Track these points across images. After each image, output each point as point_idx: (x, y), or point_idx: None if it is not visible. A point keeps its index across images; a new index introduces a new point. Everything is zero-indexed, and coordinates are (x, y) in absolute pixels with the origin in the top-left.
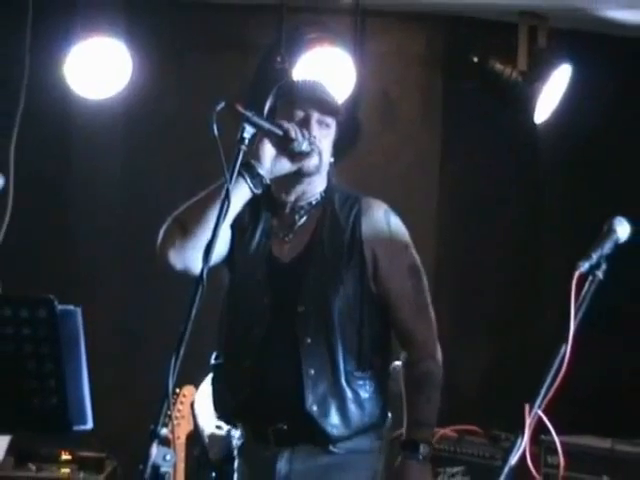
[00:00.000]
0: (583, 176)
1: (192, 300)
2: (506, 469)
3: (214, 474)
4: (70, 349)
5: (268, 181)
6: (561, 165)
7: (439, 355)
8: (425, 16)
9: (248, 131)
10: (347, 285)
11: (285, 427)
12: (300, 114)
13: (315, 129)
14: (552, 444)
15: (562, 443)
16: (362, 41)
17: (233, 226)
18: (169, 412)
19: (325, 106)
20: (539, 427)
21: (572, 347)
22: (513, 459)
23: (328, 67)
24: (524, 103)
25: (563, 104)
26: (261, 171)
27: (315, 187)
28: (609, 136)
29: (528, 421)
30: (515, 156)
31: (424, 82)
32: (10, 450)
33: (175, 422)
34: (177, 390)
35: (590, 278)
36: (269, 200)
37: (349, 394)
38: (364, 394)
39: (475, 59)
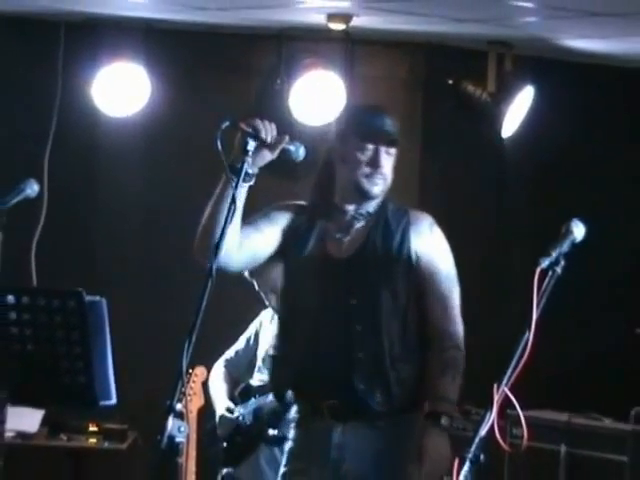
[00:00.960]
0: (543, 182)
1: (203, 291)
2: (477, 439)
3: (224, 444)
4: (96, 334)
5: (256, 170)
6: (525, 172)
7: (463, 347)
8: (407, 44)
9: (251, 144)
10: (395, 281)
11: (337, 403)
12: (370, 147)
13: (383, 159)
14: (517, 418)
15: (525, 417)
16: (352, 66)
17: (286, 232)
18: (183, 389)
19: (391, 139)
20: (505, 403)
21: (534, 334)
22: (483, 431)
23: (321, 89)
24: (493, 120)
25: (526, 121)
26: (249, 170)
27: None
28: (567, 148)
29: (496, 397)
30: (485, 166)
31: (406, 102)
32: (44, 422)
33: (188, 398)
34: (190, 370)
35: (550, 273)
36: (327, 208)
37: (392, 376)
38: (406, 376)
39: (450, 82)
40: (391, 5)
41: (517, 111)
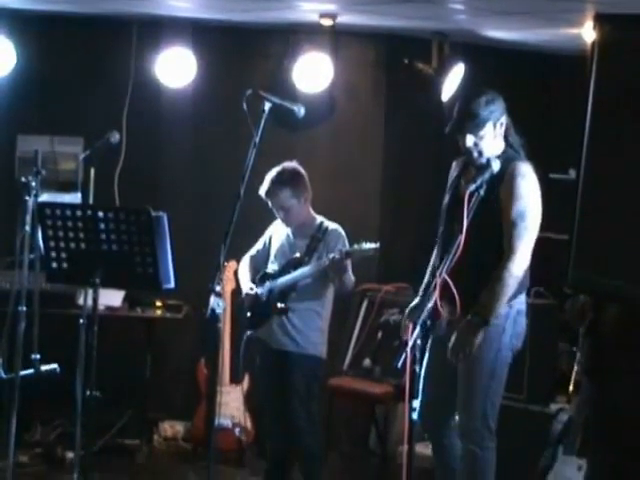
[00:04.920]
0: None
1: (234, 208)
2: (425, 310)
3: (248, 314)
4: (160, 239)
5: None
6: None
7: (515, 269)
8: (375, 35)
9: (267, 105)
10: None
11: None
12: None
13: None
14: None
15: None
16: (337, 51)
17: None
18: (220, 276)
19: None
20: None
21: (465, 236)
22: (429, 304)
23: (315, 67)
24: (436, 88)
25: (459, 88)
26: None
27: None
28: None
29: (438, 281)
30: (431, 121)
31: (374, 77)
32: (125, 299)
33: (224, 282)
34: (225, 263)
35: (475, 195)
36: (467, 164)
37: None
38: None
39: (406, 61)
40: (365, 7)
41: (452, 82)
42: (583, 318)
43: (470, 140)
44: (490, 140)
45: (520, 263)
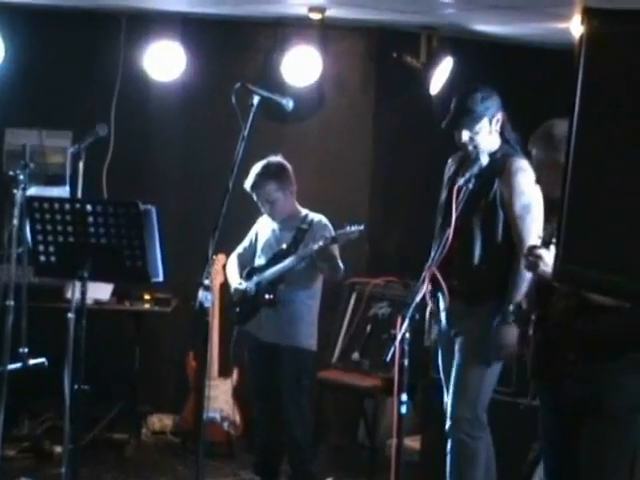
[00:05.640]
0: None
1: (222, 201)
2: (413, 304)
3: (237, 309)
4: (149, 232)
5: None
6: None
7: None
8: (364, 29)
9: (256, 98)
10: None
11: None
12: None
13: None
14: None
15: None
16: (325, 44)
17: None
18: (209, 270)
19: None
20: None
21: (453, 230)
22: (418, 297)
23: (304, 60)
24: (425, 81)
25: (447, 82)
26: None
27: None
28: None
29: (427, 274)
30: (420, 113)
31: (364, 70)
32: (113, 293)
33: (213, 276)
34: (214, 256)
35: (464, 189)
36: (464, 159)
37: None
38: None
39: (395, 55)
40: (354, 1)
41: (440, 75)
42: (529, 316)
43: (466, 135)
44: (485, 135)
45: None
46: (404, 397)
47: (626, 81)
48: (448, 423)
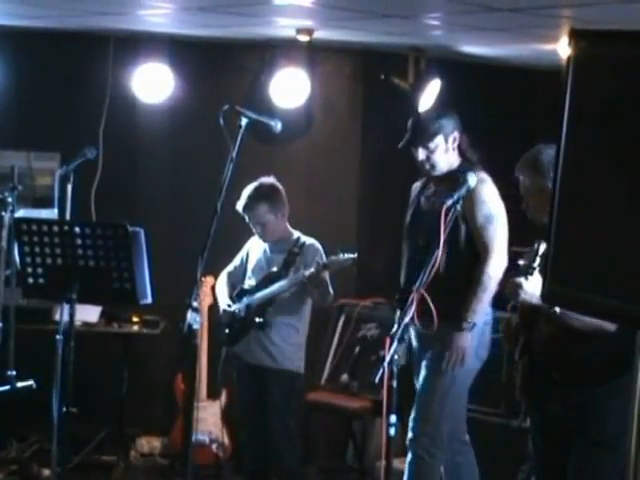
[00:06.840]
0: None
1: (211, 223)
2: (402, 325)
3: (226, 330)
4: (137, 254)
5: None
6: None
7: (493, 271)
8: (352, 51)
9: (244, 120)
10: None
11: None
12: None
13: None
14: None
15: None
16: (313, 66)
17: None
18: (198, 292)
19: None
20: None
21: (442, 251)
22: (407, 318)
23: (292, 82)
24: (412, 102)
25: (435, 103)
26: None
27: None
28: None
29: (415, 296)
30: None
31: (351, 91)
32: (101, 315)
33: (201, 298)
34: (202, 278)
35: (452, 210)
36: (425, 184)
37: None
38: None
39: (382, 77)
40: (341, 23)
41: (428, 97)
42: (516, 341)
43: (422, 153)
44: (442, 154)
45: (497, 264)
46: (393, 419)
47: (614, 102)
48: (409, 436)
